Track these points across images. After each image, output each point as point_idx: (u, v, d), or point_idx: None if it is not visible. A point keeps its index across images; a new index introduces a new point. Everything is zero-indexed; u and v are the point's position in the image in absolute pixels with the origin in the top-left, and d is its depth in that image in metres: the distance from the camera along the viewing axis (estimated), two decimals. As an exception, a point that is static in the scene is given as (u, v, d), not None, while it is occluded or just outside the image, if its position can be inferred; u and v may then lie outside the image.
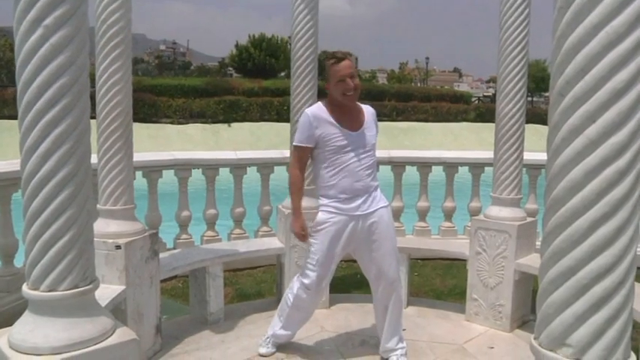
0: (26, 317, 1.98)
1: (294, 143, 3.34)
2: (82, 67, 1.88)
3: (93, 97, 2.94)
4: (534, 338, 1.52)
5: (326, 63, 3.25)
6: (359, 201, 3.25)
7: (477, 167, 5.91)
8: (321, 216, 3.29)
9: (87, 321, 1.96)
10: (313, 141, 3.23)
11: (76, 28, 1.84)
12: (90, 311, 2.00)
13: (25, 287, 1.98)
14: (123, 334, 2.06)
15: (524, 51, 3.84)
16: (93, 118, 2.84)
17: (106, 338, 1.99)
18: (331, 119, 3.21)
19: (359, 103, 3.37)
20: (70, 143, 1.86)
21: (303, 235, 3.34)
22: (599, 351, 1.39)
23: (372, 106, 3.51)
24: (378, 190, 3.38)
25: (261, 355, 3.55)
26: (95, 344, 1.94)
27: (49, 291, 1.92)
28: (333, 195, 3.25)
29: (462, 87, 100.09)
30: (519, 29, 3.80)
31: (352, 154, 3.22)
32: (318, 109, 3.26)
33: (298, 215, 3.34)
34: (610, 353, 1.39)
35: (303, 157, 3.32)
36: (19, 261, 3.79)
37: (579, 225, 1.36)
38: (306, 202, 4.24)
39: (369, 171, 3.29)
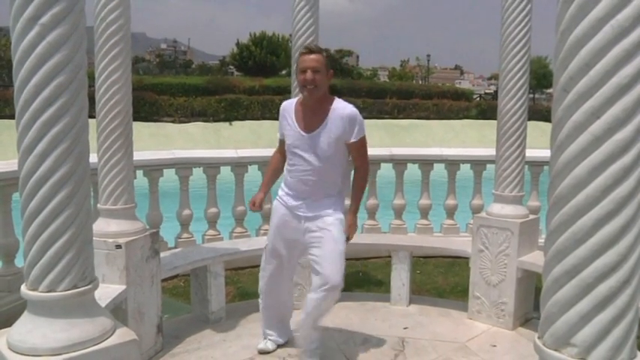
0: (25, 318, 1.96)
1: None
2: (79, 65, 1.86)
3: (92, 96, 2.93)
4: (538, 337, 1.50)
5: (298, 53, 3.24)
6: (301, 202, 3.22)
7: (478, 164, 5.88)
8: (274, 203, 3.39)
9: (86, 321, 1.94)
10: (281, 133, 3.30)
11: (73, 26, 1.82)
12: (89, 311, 1.98)
13: (23, 287, 1.96)
14: (123, 335, 2.04)
15: (525, 47, 3.82)
16: (92, 117, 2.83)
17: (106, 339, 1.97)
18: (291, 115, 3.20)
19: (338, 103, 3.14)
20: (67, 142, 1.84)
21: (252, 204, 3.40)
22: (605, 351, 1.37)
23: (374, 105, 3.43)
24: (336, 200, 3.22)
25: (260, 352, 3.55)
26: (94, 345, 1.92)
27: (48, 291, 1.90)
28: (285, 186, 3.32)
29: (464, 84, 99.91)
30: (521, 25, 3.78)
31: (302, 156, 3.15)
32: (289, 102, 3.29)
33: (261, 189, 3.49)
34: (616, 353, 1.37)
35: (281, 143, 3.38)
36: (19, 261, 3.78)
37: (584, 223, 1.34)
38: None
39: (318, 177, 3.14)
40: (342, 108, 3.13)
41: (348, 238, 3.24)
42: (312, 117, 3.13)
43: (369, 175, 3.49)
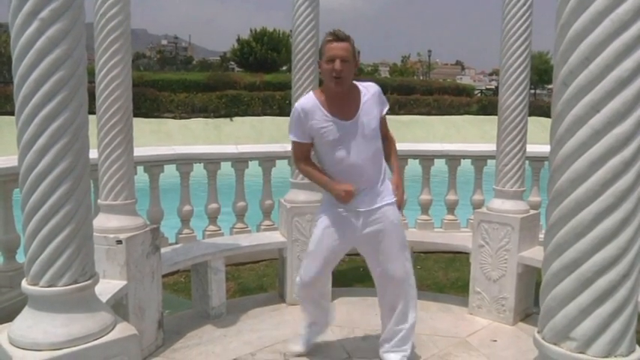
0: (26, 313, 1.97)
1: (290, 137, 3.11)
2: (78, 60, 1.86)
3: (93, 92, 2.93)
4: (538, 332, 1.50)
5: (324, 39, 2.98)
6: (360, 196, 3.02)
7: (479, 160, 5.89)
8: (320, 208, 3.21)
9: (87, 316, 1.95)
10: (308, 136, 3.03)
11: (72, 21, 1.82)
12: (90, 306, 1.99)
13: (24, 282, 1.97)
14: (123, 330, 2.05)
15: (526, 42, 3.81)
16: (93, 113, 2.83)
17: (106, 334, 1.98)
18: (322, 109, 2.97)
19: (359, 84, 3.06)
20: (67, 137, 1.84)
21: (349, 192, 2.99)
22: (604, 344, 1.37)
23: None
24: (385, 182, 3.11)
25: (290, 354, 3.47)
26: (95, 340, 1.93)
27: (49, 286, 1.91)
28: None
29: (465, 80, 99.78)
30: (522, 20, 3.77)
31: (349, 146, 2.97)
32: (308, 100, 3.03)
33: (334, 183, 3.03)
34: (614, 347, 1.37)
35: (304, 150, 3.11)
36: (21, 257, 3.79)
37: (583, 217, 1.34)
38: (304, 196, 4.25)
39: (370, 161, 3.03)
40: (368, 87, 3.07)
41: (398, 204, 3.15)
42: (348, 104, 2.99)
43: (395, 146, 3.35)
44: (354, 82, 3.06)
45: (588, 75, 1.30)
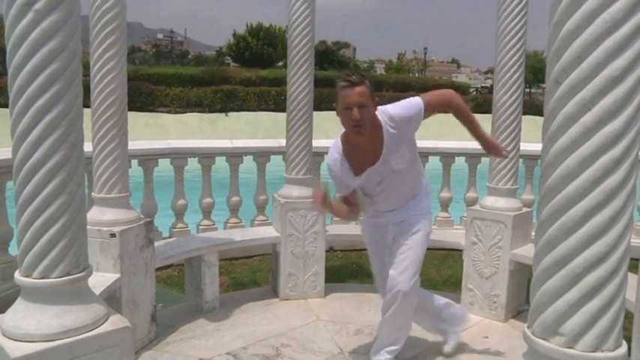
0: (19, 304, 1.97)
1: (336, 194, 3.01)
2: (73, 52, 1.86)
3: (87, 85, 2.92)
4: (527, 327, 1.52)
5: (337, 84, 2.77)
6: (388, 212, 3.09)
7: (473, 157, 5.91)
8: (362, 227, 3.33)
9: (79, 308, 1.95)
10: (347, 187, 2.97)
11: (67, 13, 1.81)
12: (83, 298, 1.99)
13: (17, 274, 1.97)
14: (116, 322, 2.05)
15: (521, 41, 3.82)
16: (88, 106, 2.83)
17: (99, 325, 1.99)
18: (346, 164, 2.89)
19: (382, 115, 2.81)
20: (61, 130, 1.84)
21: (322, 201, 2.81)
22: (591, 339, 1.39)
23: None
24: (417, 197, 3.10)
25: None
26: (88, 331, 1.93)
27: (42, 278, 1.91)
28: (367, 214, 3.20)
29: (460, 78, 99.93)
30: (517, 18, 3.78)
31: (379, 185, 2.95)
32: (334, 155, 2.92)
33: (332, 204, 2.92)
34: (602, 342, 1.39)
35: (349, 198, 3.02)
36: (13, 249, 3.78)
37: (573, 213, 1.36)
38: (298, 192, 4.26)
39: (399, 189, 3.01)
40: (387, 118, 2.81)
41: (501, 153, 3.13)
42: (370, 148, 2.83)
43: (460, 99, 3.02)
44: (382, 112, 2.84)
45: (580, 73, 1.31)
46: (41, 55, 1.79)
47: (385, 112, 2.82)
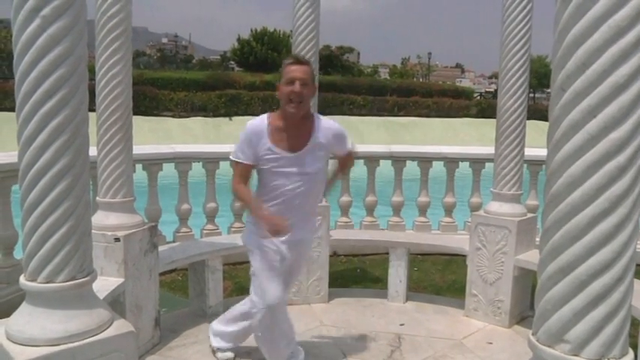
0: (23, 308, 1.98)
1: (231, 158, 2.98)
2: (80, 58, 1.87)
3: (93, 90, 2.93)
4: (532, 334, 1.51)
5: (284, 62, 2.92)
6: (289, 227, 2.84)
7: (477, 163, 5.90)
8: (250, 238, 3.06)
9: (84, 313, 1.96)
10: (251, 158, 2.89)
11: (74, 19, 1.82)
12: (87, 303, 2.00)
13: (22, 278, 1.98)
14: (120, 327, 2.05)
15: (526, 46, 3.82)
16: (93, 110, 2.83)
17: (103, 330, 1.99)
18: (267, 137, 2.87)
19: (320, 121, 2.98)
20: (67, 135, 1.85)
21: (277, 229, 2.79)
22: (597, 347, 1.38)
23: (374, 101, 3.16)
24: (314, 216, 3.16)
25: None
26: (92, 336, 1.93)
27: (47, 282, 1.91)
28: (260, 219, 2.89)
29: (464, 83, 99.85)
30: (522, 24, 3.78)
31: (287, 175, 2.88)
32: (261, 122, 2.92)
33: (258, 206, 2.91)
34: (608, 350, 1.38)
35: (244, 172, 2.95)
36: (18, 253, 3.79)
37: (579, 221, 1.36)
38: None
39: (303, 196, 2.92)
40: (328, 125, 3.00)
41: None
42: (297, 134, 2.90)
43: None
44: (318, 116, 3.03)
45: (585, 80, 1.31)
46: (47, 60, 1.79)
47: (324, 121, 3.01)
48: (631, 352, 1.44)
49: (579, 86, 1.32)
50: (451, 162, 5.95)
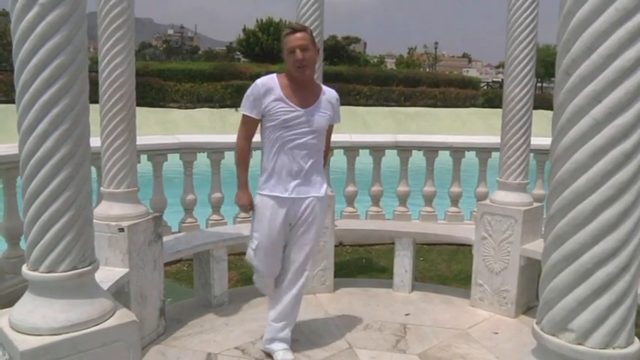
0: (26, 298, 1.98)
1: (241, 110, 3.17)
2: (79, 46, 1.85)
3: (96, 80, 2.91)
4: (536, 323, 1.49)
5: (282, 34, 3.13)
6: (291, 184, 3.09)
7: (484, 152, 5.86)
8: (257, 199, 3.20)
9: (86, 302, 1.95)
10: (259, 111, 3.07)
11: (72, 6, 1.80)
12: (89, 293, 1.99)
13: (24, 268, 1.98)
14: (123, 316, 2.05)
15: (532, 34, 3.77)
16: (96, 101, 2.82)
17: (106, 320, 1.98)
18: (279, 91, 3.04)
19: (323, 85, 3.26)
20: (67, 124, 1.84)
21: (248, 208, 3.23)
22: (602, 336, 1.36)
23: (380, 92, 3.35)
24: (319, 176, 3.20)
25: None
26: (94, 326, 1.93)
27: (48, 272, 1.91)
28: (267, 176, 3.12)
29: (471, 72, 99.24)
30: (528, 11, 3.73)
31: (294, 132, 3.04)
32: (270, 79, 3.09)
33: (244, 189, 3.24)
34: (612, 339, 1.36)
35: (249, 127, 3.18)
36: (24, 243, 3.81)
37: (583, 208, 1.33)
38: None
39: (307, 152, 3.09)
40: (328, 90, 3.24)
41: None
42: (307, 93, 3.11)
43: None
44: (320, 84, 3.28)
45: (590, 65, 1.28)
46: (46, 49, 1.78)
47: (326, 87, 3.25)
48: (637, 342, 1.42)
49: (584, 70, 1.29)
50: (457, 151, 5.91)
